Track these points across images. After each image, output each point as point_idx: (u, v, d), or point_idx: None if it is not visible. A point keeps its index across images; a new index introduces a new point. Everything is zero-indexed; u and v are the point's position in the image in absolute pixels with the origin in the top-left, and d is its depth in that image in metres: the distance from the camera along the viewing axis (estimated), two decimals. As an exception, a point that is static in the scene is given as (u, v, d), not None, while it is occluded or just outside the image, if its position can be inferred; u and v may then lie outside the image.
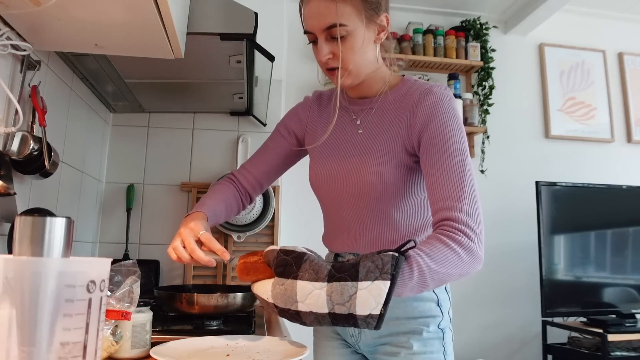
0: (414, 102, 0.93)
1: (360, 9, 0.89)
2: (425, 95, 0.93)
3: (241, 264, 0.82)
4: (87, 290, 0.48)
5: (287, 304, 0.72)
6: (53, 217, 0.48)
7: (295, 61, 2.49)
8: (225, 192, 1.10)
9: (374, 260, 0.70)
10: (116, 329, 0.82)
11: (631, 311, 2.29)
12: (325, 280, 0.70)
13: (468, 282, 2.43)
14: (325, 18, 0.89)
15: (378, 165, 0.94)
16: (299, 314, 0.72)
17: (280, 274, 0.72)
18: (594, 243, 2.35)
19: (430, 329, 0.96)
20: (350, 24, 0.89)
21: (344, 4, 0.88)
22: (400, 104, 0.96)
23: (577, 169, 2.67)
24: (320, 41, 0.91)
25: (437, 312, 0.98)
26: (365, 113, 1.01)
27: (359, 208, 0.97)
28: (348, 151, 0.99)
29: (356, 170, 0.96)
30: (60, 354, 0.45)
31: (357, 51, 0.91)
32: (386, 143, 0.95)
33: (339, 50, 0.90)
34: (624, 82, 2.84)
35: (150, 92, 1.73)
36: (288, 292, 0.72)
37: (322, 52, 0.91)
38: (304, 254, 0.73)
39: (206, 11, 1.21)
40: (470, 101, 2.52)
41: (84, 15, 0.97)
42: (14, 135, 1.09)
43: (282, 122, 1.17)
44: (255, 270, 0.79)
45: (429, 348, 0.95)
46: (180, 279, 1.85)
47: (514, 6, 2.65)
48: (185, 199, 1.91)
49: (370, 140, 0.97)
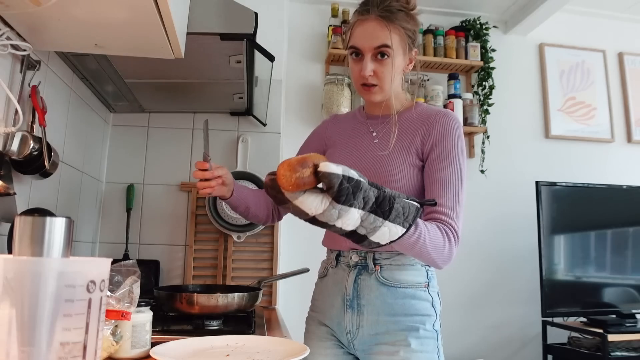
0: (432, 119, 1.07)
1: (404, 39, 1.05)
2: (443, 116, 1.07)
3: (297, 179, 0.74)
4: (87, 291, 0.48)
5: (330, 221, 0.77)
6: (53, 217, 0.48)
7: (295, 61, 2.49)
8: (260, 191, 1.29)
9: (404, 206, 0.81)
10: (116, 329, 0.82)
11: (631, 311, 2.29)
12: (367, 210, 0.78)
13: (468, 282, 2.43)
14: (379, 39, 1.02)
15: (390, 170, 1.04)
16: (330, 227, 0.78)
17: (339, 201, 0.75)
18: (594, 243, 2.35)
19: (426, 327, 1.02)
20: (395, 50, 1.04)
21: (395, 31, 1.03)
22: (413, 121, 1.09)
23: (577, 169, 2.67)
24: (366, 58, 1.04)
25: (432, 312, 1.04)
26: (381, 127, 1.13)
27: None
28: (364, 158, 1.09)
29: (371, 169, 1.05)
30: (60, 354, 0.45)
31: (393, 73, 1.05)
32: (398, 153, 1.06)
33: (381, 69, 1.04)
34: (624, 82, 2.84)
35: (150, 92, 1.73)
36: (337, 214, 0.76)
37: (367, 68, 1.04)
38: (359, 182, 0.77)
39: (206, 11, 1.22)
40: (470, 101, 2.52)
41: (84, 15, 0.97)
42: (14, 135, 1.09)
43: (305, 145, 1.28)
44: (306, 184, 0.76)
45: (425, 347, 1.01)
46: (180, 279, 1.85)
47: (514, 6, 2.65)
48: (185, 199, 1.91)
49: (384, 146, 1.08)
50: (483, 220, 2.50)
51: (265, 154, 1.96)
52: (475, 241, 2.46)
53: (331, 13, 2.52)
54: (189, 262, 1.84)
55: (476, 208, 2.48)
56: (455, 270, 2.20)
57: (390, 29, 1.02)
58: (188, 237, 1.87)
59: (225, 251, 1.85)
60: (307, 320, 1.18)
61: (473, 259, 2.45)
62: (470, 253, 2.44)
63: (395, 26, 1.03)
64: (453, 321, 2.32)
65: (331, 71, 2.50)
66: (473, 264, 2.45)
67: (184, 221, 1.90)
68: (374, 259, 1.05)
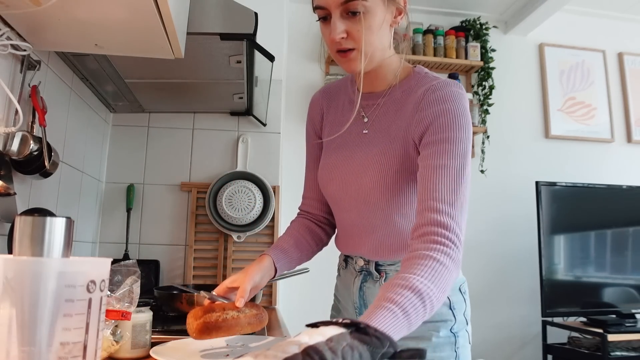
0: (417, 98, 0.87)
1: None
2: (430, 92, 0.85)
3: (201, 324, 0.76)
4: (87, 290, 0.48)
5: None
6: (53, 217, 0.48)
7: (295, 61, 2.49)
8: (292, 228, 1.05)
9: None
10: (116, 329, 0.82)
11: (631, 311, 2.29)
12: None
13: (468, 282, 2.42)
14: None
15: (378, 172, 0.89)
16: None
17: None
18: (594, 243, 2.35)
19: (440, 334, 0.91)
20: (370, 0, 0.81)
21: None
22: (406, 99, 0.90)
23: (577, 169, 2.67)
24: (334, 17, 0.81)
25: (449, 316, 0.94)
26: (373, 109, 0.95)
27: (361, 212, 0.95)
28: (350, 153, 0.95)
29: (356, 176, 0.92)
30: (60, 354, 0.45)
31: (374, 32, 0.82)
32: (388, 148, 0.89)
33: (356, 27, 0.81)
34: (624, 82, 2.84)
35: (150, 92, 1.73)
36: None
37: (336, 29, 0.81)
38: None
39: (206, 11, 1.21)
40: (470, 101, 2.52)
41: (84, 15, 0.97)
42: (14, 135, 1.09)
43: (306, 132, 1.11)
44: (217, 330, 0.76)
45: (438, 353, 0.90)
46: (180, 279, 1.85)
47: (514, 6, 2.65)
48: (185, 199, 1.91)
49: (373, 143, 0.92)
50: (483, 220, 2.50)
51: (265, 154, 1.96)
52: (475, 241, 2.46)
53: (331, 13, 2.52)
54: (189, 262, 1.84)
55: (476, 208, 2.48)
56: (455, 270, 2.20)
57: None
58: (188, 237, 1.87)
59: (225, 251, 1.85)
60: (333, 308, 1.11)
61: (473, 259, 2.45)
62: (470, 253, 2.43)
63: None
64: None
65: (331, 71, 2.50)
66: (473, 264, 2.45)
67: (184, 221, 1.90)
68: (377, 266, 0.95)
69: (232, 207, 1.80)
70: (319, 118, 1.07)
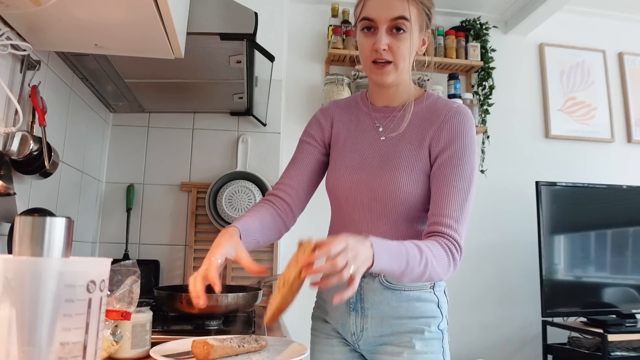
0: (442, 118, 0.98)
1: (421, 14, 0.96)
2: (454, 114, 0.98)
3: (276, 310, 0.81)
4: (87, 291, 0.48)
5: None
6: (53, 217, 0.48)
7: (295, 61, 2.49)
8: (259, 210, 1.03)
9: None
10: (116, 329, 0.82)
11: (631, 311, 2.29)
12: None
13: (468, 282, 2.43)
14: (396, 9, 0.93)
15: (397, 175, 0.97)
16: None
17: None
18: (594, 243, 2.35)
19: (431, 329, 0.99)
20: (412, 24, 0.94)
21: (413, 4, 0.94)
22: (423, 117, 1.01)
23: (577, 169, 2.67)
24: (381, 30, 0.94)
25: (438, 313, 1.01)
26: (388, 121, 1.04)
27: (373, 212, 1.00)
28: (369, 158, 1.02)
29: (375, 178, 0.99)
30: (60, 354, 0.45)
31: (409, 51, 0.96)
32: (407, 154, 0.99)
33: (397, 44, 0.93)
34: (624, 82, 2.84)
35: (150, 92, 1.73)
36: None
37: (382, 40, 0.93)
38: None
39: (206, 11, 1.21)
40: (470, 101, 2.52)
41: (84, 15, 0.97)
42: (14, 135, 1.09)
43: (305, 133, 1.14)
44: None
45: (429, 348, 0.98)
46: (180, 279, 1.85)
47: (514, 6, 2.65)
48: (185, 199, 1.91)
49: (391, 149, 1.00)
50: (483, 220, 2.50)
51: (265, 154, 1.96)
52: (475, 241, 2.45)
53: (331, 13, 2.52)
54: (189, 262, 1.84)
55: (476, 208, 2.46)
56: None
57: (409, 1, 0.93)
58: (188, 237, 1.87)
59: (225, 251, 1.85)
60: (313, 318, 1.16)
61: (473, 259, 2.45)
62: (470, 253, 2.43)
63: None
64: (453, 321, 2.30)
65: (331, 71, 2.50)
66: (473, 264, 2.44)
67: (184, 221, 1.90)
68: None
69: (232, 207, 1.81)
70: (328, 125, 1.12)
